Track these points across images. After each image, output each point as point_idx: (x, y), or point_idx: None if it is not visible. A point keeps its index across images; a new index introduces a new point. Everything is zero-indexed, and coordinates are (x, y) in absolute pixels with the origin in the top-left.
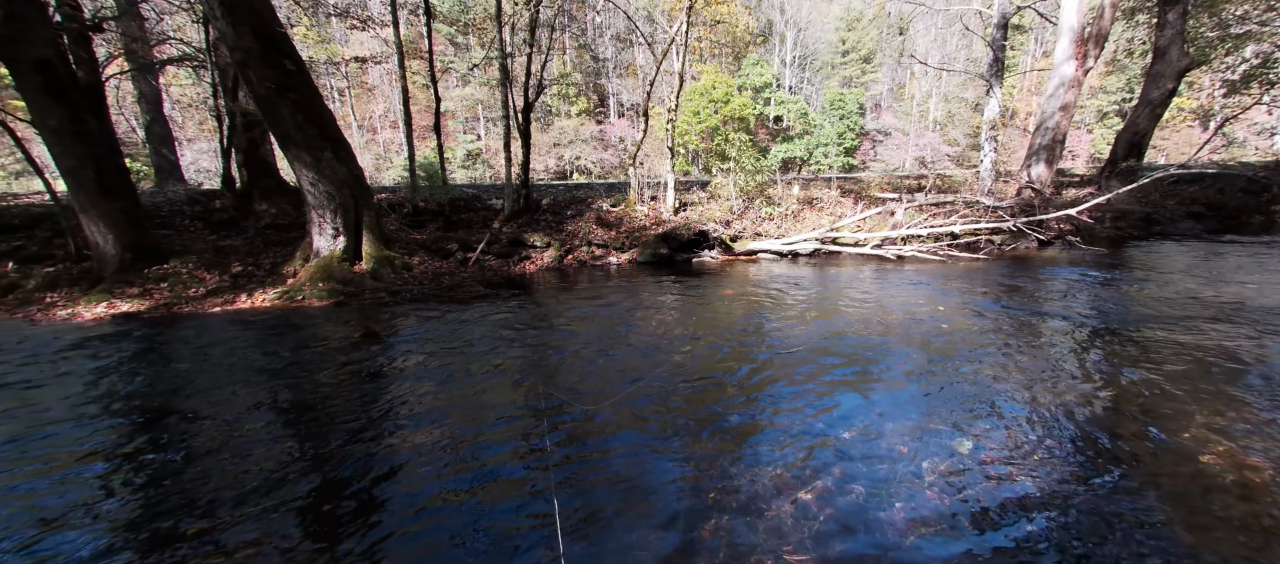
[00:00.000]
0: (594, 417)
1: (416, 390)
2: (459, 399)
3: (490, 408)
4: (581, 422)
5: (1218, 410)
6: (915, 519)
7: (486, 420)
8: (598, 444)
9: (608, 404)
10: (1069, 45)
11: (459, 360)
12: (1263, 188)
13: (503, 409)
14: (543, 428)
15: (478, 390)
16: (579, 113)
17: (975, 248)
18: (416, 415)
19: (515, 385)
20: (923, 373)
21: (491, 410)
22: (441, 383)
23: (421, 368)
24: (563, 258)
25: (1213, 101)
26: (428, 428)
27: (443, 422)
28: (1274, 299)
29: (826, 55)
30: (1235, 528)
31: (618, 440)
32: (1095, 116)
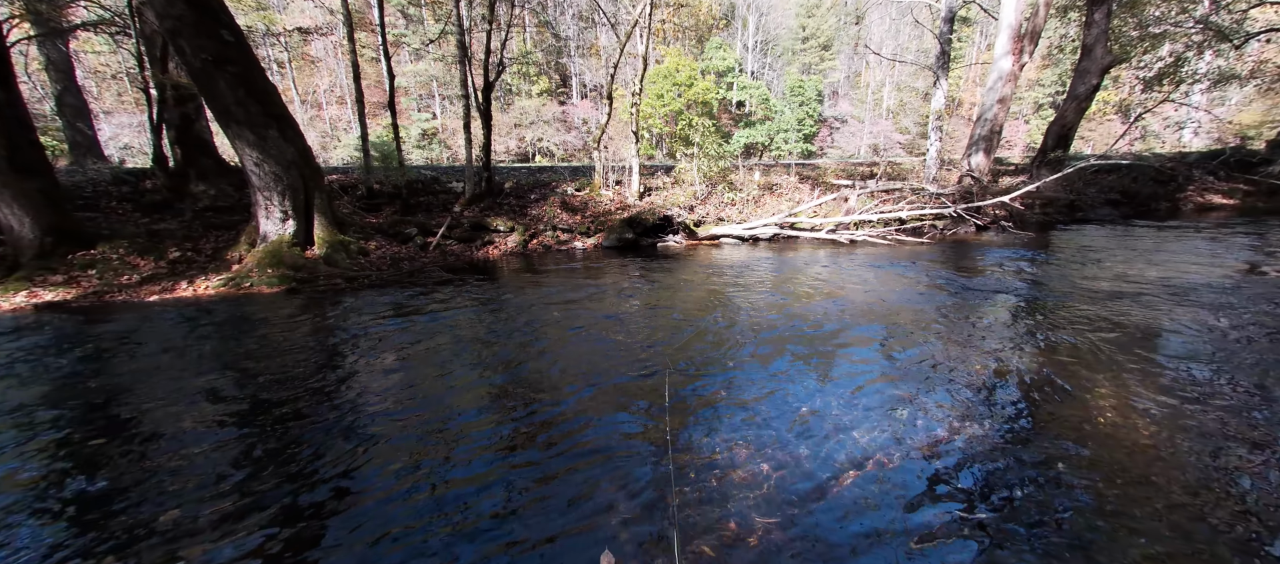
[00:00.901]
0: (563, 398)
1: (382, 381)
2: (426, 388)
3: (458, 395)
4: (546, 400)
5: (1122, 375)
6: (859, 479)
7: (456, 410)
8: (565, 422)
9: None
10: (1007, 40)
11: (423, 348)
12: (1169, 177)
13: (471, 398)
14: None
15: (444, 378)
16: (541, 93)
17: (920, 232)
18: (383, 408)
19: (482, 372)
20: (870, 348)
21: (459, 399)
22: (406, 372)
23: (384, 357)
24: (527, 242)
25: (1131, 96)
26: (395, 420)
27: (410, 413)
28: (1177, 277)
29: (787, 41)
30: (1128, 476)
31: (584, 419)
32: (1032, 108)
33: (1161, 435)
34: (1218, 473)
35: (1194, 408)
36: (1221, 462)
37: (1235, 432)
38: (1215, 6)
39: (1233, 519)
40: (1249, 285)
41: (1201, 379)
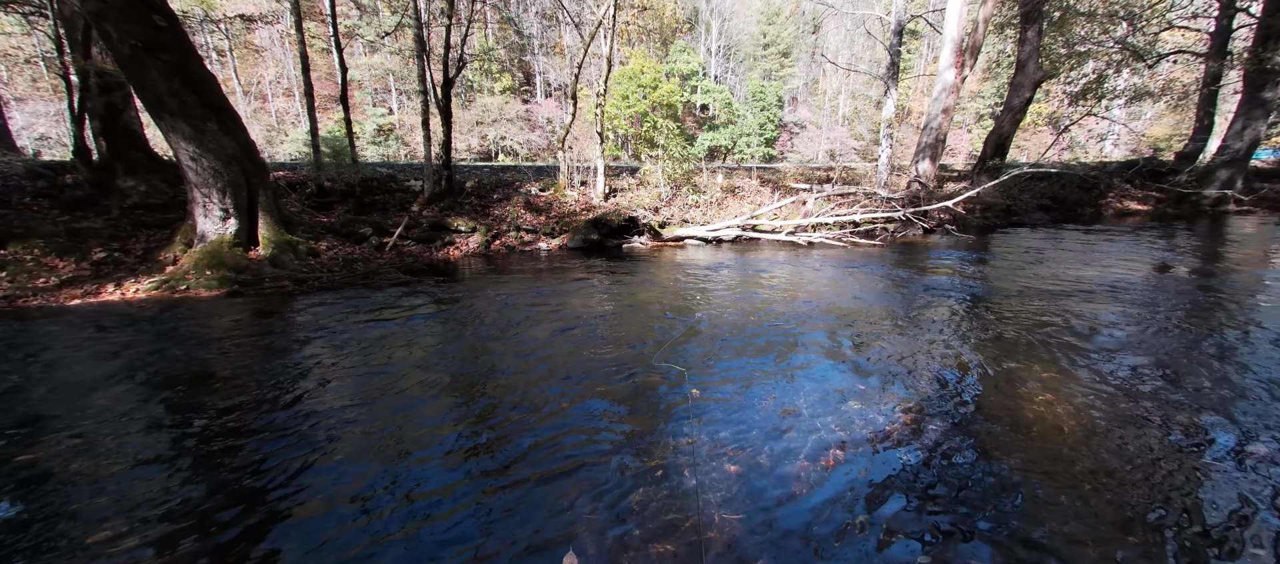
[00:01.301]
0: (529, 401)
1: (334, 389)
2: (382, 395)
3: (417, 403)
4: (512, 403)
5: (1053, 367)
6: (820, 472)
7: (415, 418)
8: (529, 427)
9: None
10: (950, 55)
11: (379, 353)
12: (1093, 185)
13: (432, 405)
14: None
15: (402, 384)
16: (503, 90)
17: (873, 235)
18: (337, 417)
19: (442, 378)
20: (830, 348)
21: (419, 406)
22: (361, 378)
23: (337, 363)
24: (490, 243)
25: (1060, 109)
26: (350, 429)
27: (366, 423)
28: (1100, 277)
29: (749, 47)
30: (1057, 458)
31: (550, 425)
32: (974, 118)
33: (1085, 420)
34: (1134, 454)
35: (1114, 395)
36: (1137, 444)
37: (1149, 416)
38: (1132, 29)
39: (1147, 496)
40: (1160, 284)
41: (1121, 369)
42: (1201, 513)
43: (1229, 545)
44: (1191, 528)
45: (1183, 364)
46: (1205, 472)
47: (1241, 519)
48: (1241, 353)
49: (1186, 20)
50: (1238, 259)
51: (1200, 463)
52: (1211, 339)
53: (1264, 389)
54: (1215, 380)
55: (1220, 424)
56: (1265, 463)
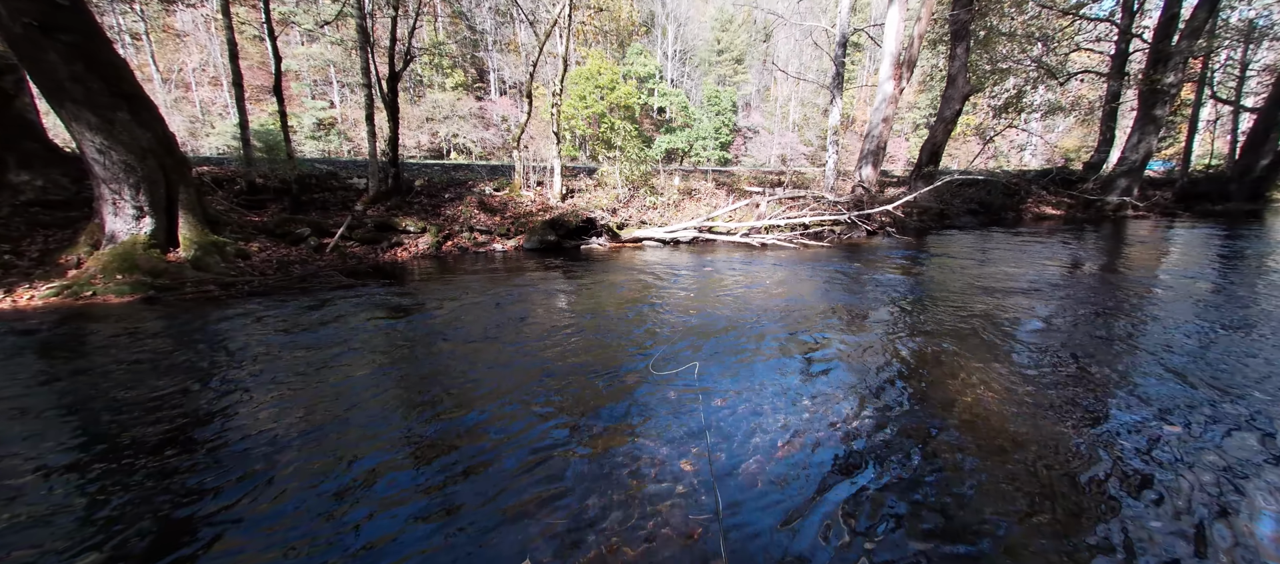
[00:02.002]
0: (488, 415)
1: (266, 402)
2: (322, 405)
3: (363, 421)
4: (469, 411)
5: (983, 358)
6: (773, 467)
7: (359, 431)
8: (485, 432)
9: (666, 373)
10: (889, 67)
11: (317, 362)
12: (1015, 191)
13: (379, 422)
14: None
15: (344, 394)
16: (456, 86)
17: (821, 237)
18: (269, 433)
19: (389, 387)
20: (783, 345)
21: (365, 425)
22: (297, 389)
23: (269, 374)
24: (441, 244)
25: (986, 121)
26: (285, 447)
27: (303, 438)
28: (1022, 274)
29: (704, 52)
30: (982, 437)
31: (505, 429)
32: (911, 128)
33: (1011, 409)
34: (1054, 438)
35: (1032, 381)
36: (1056, 428)
37: (1067, 402)
38: (1046, 49)
39: (1068, 479)
40: (1073, 281)
41: (1041, 359)
42: (1103, 478)
43: (1127, 505)
44: (1095, 492)
45: (1091, 352)
46: (1107, 444)
47: (1141, 482)
48: (1141, 341)
49: (1091, 43)
50: (1136, 258)
51: (1103, 436)
52: (1115, 330)
53: (1159, 372)
54: (1118, 366)
55: (1122, 403)
56: (1160, 434)
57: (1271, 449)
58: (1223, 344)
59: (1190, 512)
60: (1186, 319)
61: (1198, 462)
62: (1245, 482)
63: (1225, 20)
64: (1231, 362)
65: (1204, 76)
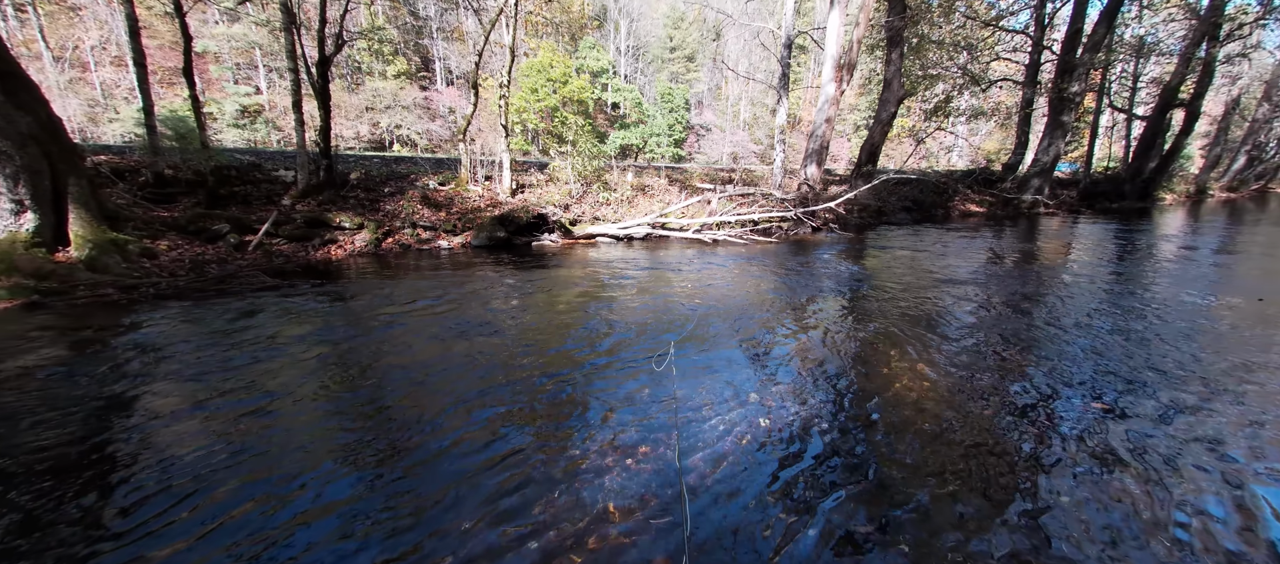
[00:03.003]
0: (423, 410)
1: (174, 420)
2: (242, 435)
3: (291, 440)
4: (406, 411)
5: (915, 347)
6: (713, 458)
7: (285, 460)
8: (427, 442)
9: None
10: (831, 69)
11: (238, 376)
12: (944, 189)
13: (310, 442)
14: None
15: (270, 418)
16: (398, 74)
17: (770, 233)
18: (181, 472)
19: (323, 405)
20: (733, 339)
21: (293, 445)
22: (215, 412)
23: (177, 388)
24: (381, 242)
25: (918, 124)
26: (202, 488)
27: (221, 475)
28: (950, 267)
29: (656, 49)
30: (911, 414)
31: (453, 436)
32: (852, 129)
33: (941, 394)
34: (970, 409)
35: (961, 370)
36: (972, 401)
37: (989, 388)
38: (971, 58)
39: (991, 458)
40: (995, 273)
41: (967, 347)
42: (1018, 447)
43: (1035, 470)
44: (1009, 458)
45: (1010, 337)
46: (1020, 417)
47: (1050, 450)
48: (1051, 327)
49: (1010, 53)
50: (1047, 252)
51: (1016, 412)
52: (1031, 317)
53: (1068, 354)
54: (1033, 349)
55: (1035, 382)
56: (1071, 410)
57: (1160, 419)
58: (1120, 327)
59: (1091, 474)
60: (1090, 305)
61: (1099, 433)
62: (1138, 446)
63: (1120, 36)
64: (1128, 343)
65: (1103, 86)
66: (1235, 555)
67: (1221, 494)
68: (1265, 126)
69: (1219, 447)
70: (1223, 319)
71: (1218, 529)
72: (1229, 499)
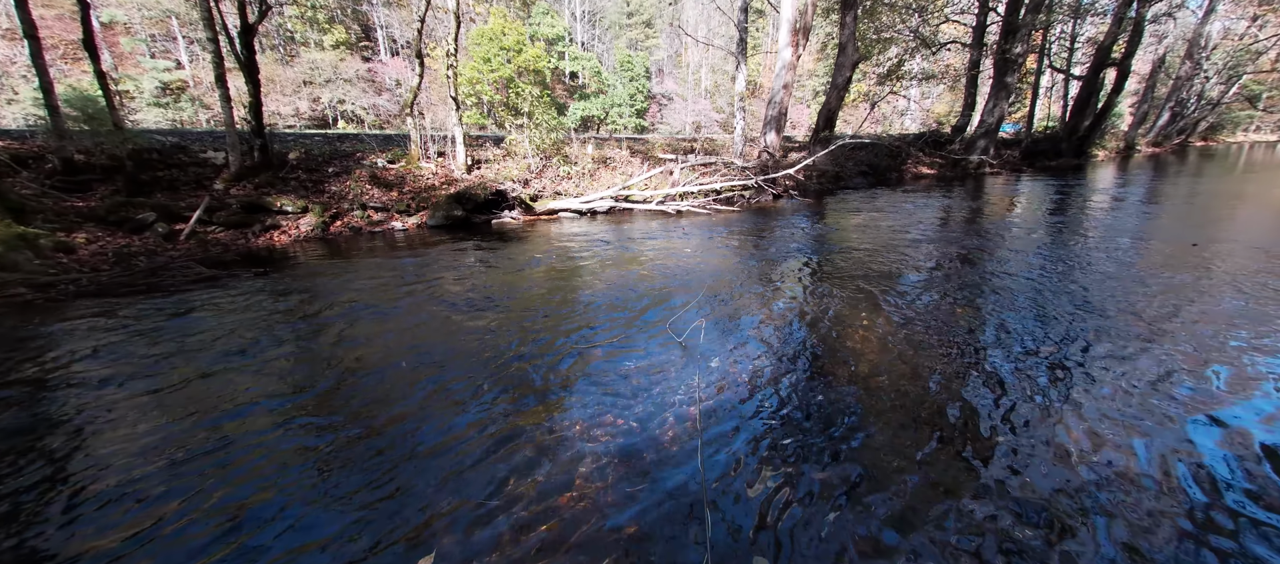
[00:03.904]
0: (389, 398)
1: (114, 444)
2: (192, 446)
3: (248, 450)
4: (371, 401)
5: (870, 302)
6: (676, 430)
7: (235, 447)
8: (399, 421)
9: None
10: (787, 34)
11: (174, 372)
12: (897, 153)
13: (257, 430)
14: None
15: (212, 409)
16: (336, 45)
17: (732, 201)
18: (122, 493)
19: (273, 387)
20: (699, 309)
21: (251, 456)
22: (156, 423)
23: (111, 401)
24: (328, 225)
25: (873, 88)
26: (145, 511)
27: (165, 471)
28: (904, 227)
29: (614, 15)
30: (868, 370)
31: (420, 419)
32: (811, 95)
33: (892, 342)
34: (921, 360)
35: (912, 321)
36: (932, 366)
37: (941, 342)
38: (922, 21)
39: (942, 412)
40: (947, 231)
41: (922, 302)
42: (966, 400)
43: (984, 422)
44: (959, 408)
45: (960, 291)
46: (971, 368)
47: (998, 401)
48: (1000, 280)
49: (958, 15)
50: (993, 209)
51: (967, 363)
52: (979, 271)
53: (1012, 305)
54: (981, 303)
55: (983, 335)
56: (1011, 359)
57: (1098, 359)
58: (1059, 278)
59: (1032, 416)
60: (1032, 258)
61: (1040, 378)
62: (1074, 391)
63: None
64: (1066, 291)
65: (1043, 47)
66: (1160, 480)
67: (1158, 432)
68: (1187, 84)
69: (1159, 384)
70: (1156, 264)
71: (1150, 465)
72: (1168, 435)
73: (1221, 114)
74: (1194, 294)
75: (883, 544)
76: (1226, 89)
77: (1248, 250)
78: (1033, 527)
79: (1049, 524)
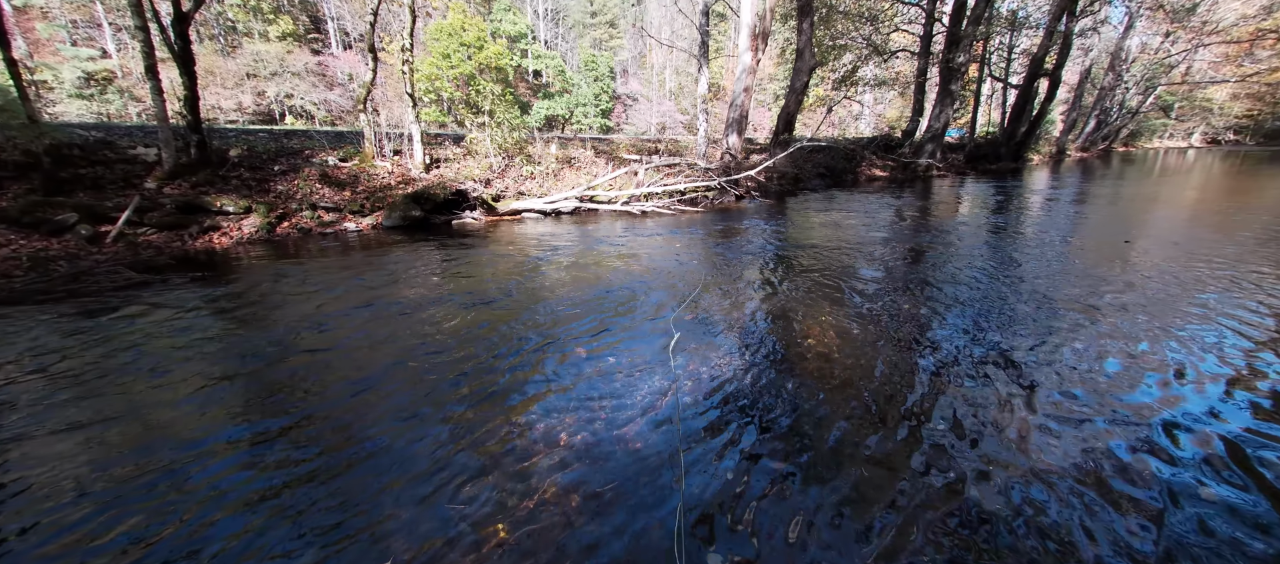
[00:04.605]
0: (344, 408)
1: (37, 472)
2: (110, 450)
3: (172, 447)
4: (321, 415)
5: (828, 298)
6: (649, 421)
7: (170, 462)
8: (355, 426)
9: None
10: (747, 38)
11: (99, 388)
12: (853, 156)
13: (196, 450)
14: None
15: (146, 428)
16: (283, 36)
17: (696, 202)
18: (42, 492)
19: (212, 404)
20: (663, 310)
21: (176, 452)
22: (78, 446)
23: (24, 425)
24: (274, 226)
25: (829, 93)
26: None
27: (95, 496)
28: (859, 227)
29: (578, 14)
30: (824, 364)
31: (379, 426)
32: (772, 98)
33: (847, 336)
34: (871, 352)
35: (866, 315)
36: (881, 358)
37: (896, 334)
38: (874, 29)
39: (893, 401)
40: (899, 231)
41: (877, 300)
42: (913, 385)
43: (928, 407)
44: (907, 395)
45: (912, 287)
46: (917, 357)
47: (944, 389)
48: (948, 277)
49: (907, 25)
50: (942, 210)
51: (914, 353)
52: (928, 268)
53: (962, 301)
54: (930, 297)
55: (934, 328)
56: (958, 350)
57: (1034, 346)
58: (1001, 273)
59: (983, 404)
60: (978, 256)
61: (985, 365)
62: (1014, 374)
63: (998, 10)
64: (1007, 284)
65: (984, 57)
66: (1090, 452)
67: (1095, 416)
68: (1110, 93)
69: (1087, 367)
70: (1087, 259)
71: (1078, 443)
72: (1106, 423)
73: (1140, 122)
74: (1121, 285)
75: (843, 528)
76: (1144, 99)
77: (1164, 245)
78: (979, 497)
79: (995, 491)
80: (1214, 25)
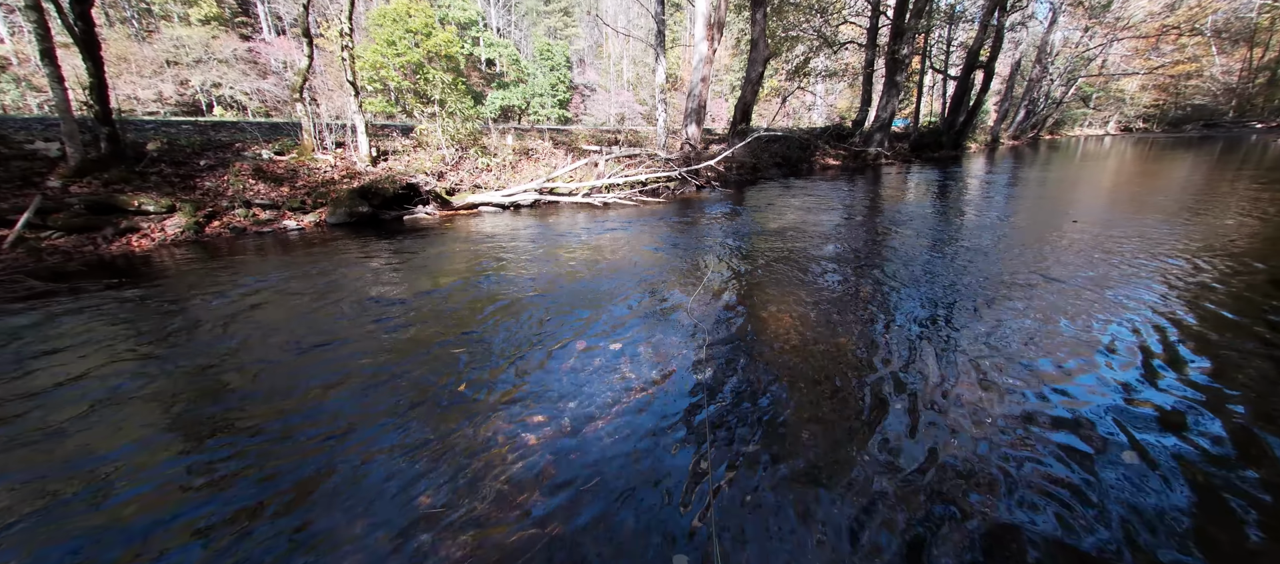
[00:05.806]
0: (298, 411)
1: None
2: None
3: (92, 465)
4: (269, 416)
5: (786, 285)
6: (620, 415)
7: (95, 489)
8: (314, 438)
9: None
10: (702, 28)
11: (13, 412)
12: (807, 145)
13: (123, 473)
14: None
15: (58, 453)
16: (207, 20)
17: (657, 193)
18: None
19: (134, 426)
20: (628, 302)
21: (99, 471)
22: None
23: None
24: (203, 226)
25: (783, 84)
26: None
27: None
28: (816, 210)
29: (531, 1)
30: (782, 347)
31: (327, 452)
32: (729, 89)
33: (804, 321)
34: (830, 335)
35: (823, 298)
36: (833, 329)
37: (855, 314)
38: (824, 21)
39: (837, 358)
40: (854, 216)
41: (836, 282)
42: (868, 365)
43: (884, 382)
44: (866, 377)
45: (871, 269)
46: (874, 338)
47: (903, 368)
48: (900, 259)
49: (855, 17)
50: (889, 195)
51: (871, 334)
52: (881, 251)
53: (917, 282)
54: (882, 280)
55: (887, 310)
56: (909, 332)
57: (970, 324)
58: (948, 251)
59: (938, 386)
60: (926, 239)
61: (937, 339)
62: (965, 346)
63: (937, 3)
64: (952, 262)
65: (926, 50)
66: (1035, 420)
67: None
68: (1037, 85)
69: (1025, 335)
70: (1025, 238)
71: (1022, 416)
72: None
73: (1063, 111)
74: (1053, 261)
75: (812, 507)
76: (1067, 90)
77: (1090, 225)
78: (933, 467)
79: (951, 461)
80: (1126, 21)
